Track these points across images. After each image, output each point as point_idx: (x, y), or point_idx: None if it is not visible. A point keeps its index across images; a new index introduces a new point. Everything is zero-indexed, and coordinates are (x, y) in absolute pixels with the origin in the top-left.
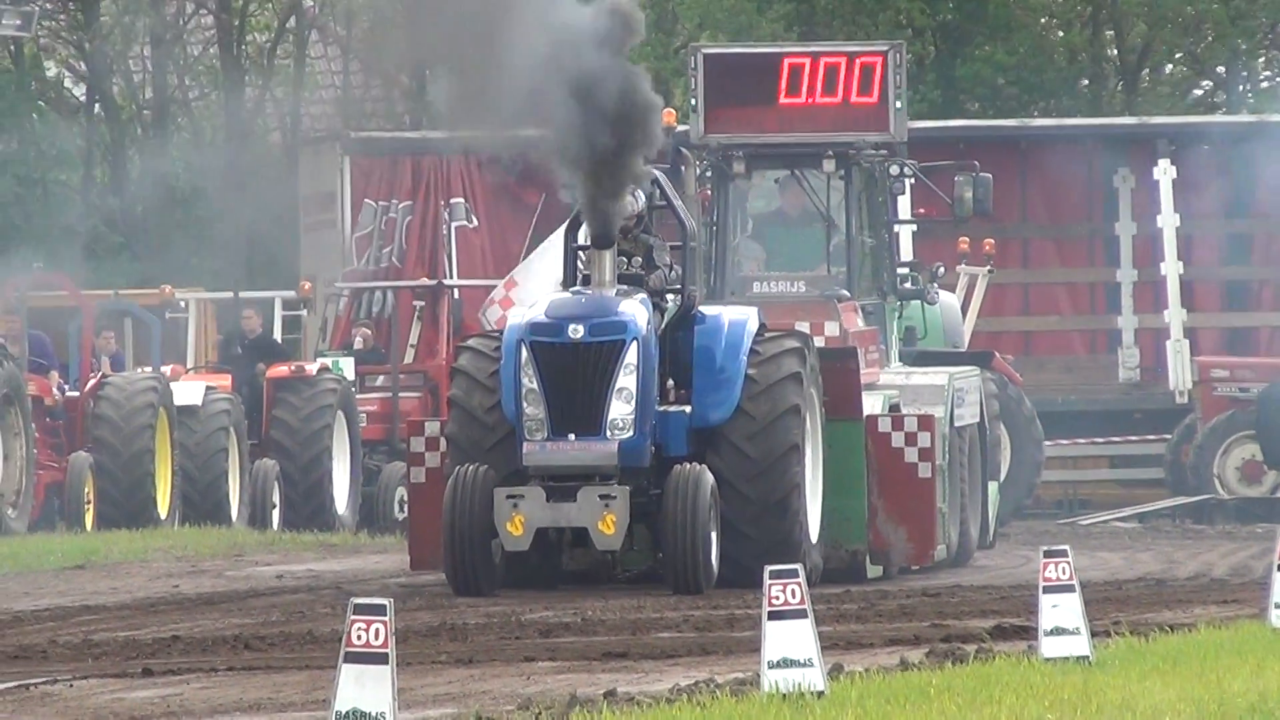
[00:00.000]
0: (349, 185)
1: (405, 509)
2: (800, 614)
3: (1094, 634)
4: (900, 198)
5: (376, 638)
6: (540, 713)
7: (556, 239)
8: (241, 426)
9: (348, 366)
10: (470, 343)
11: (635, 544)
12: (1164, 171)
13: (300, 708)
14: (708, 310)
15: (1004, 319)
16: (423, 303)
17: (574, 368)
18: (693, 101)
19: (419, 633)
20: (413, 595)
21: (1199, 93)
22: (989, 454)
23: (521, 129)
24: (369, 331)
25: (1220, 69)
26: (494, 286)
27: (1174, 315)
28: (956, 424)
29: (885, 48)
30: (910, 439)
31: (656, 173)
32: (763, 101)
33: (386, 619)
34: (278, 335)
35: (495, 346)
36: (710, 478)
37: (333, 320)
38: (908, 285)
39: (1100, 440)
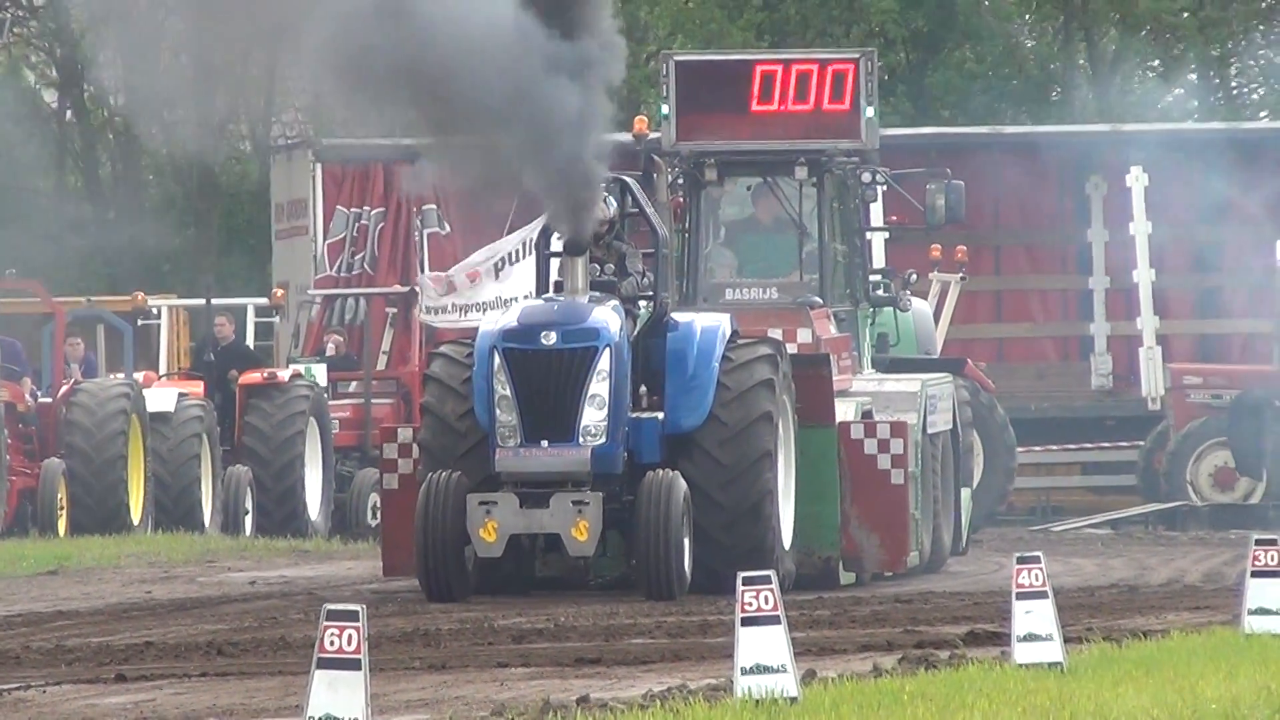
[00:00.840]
0: (321, 192)
1: (378, 515)
2: (773, 620)
3: (1067, 640)
4: (872, 205)
5: (349, 644)
6: (513, 719)
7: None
8: (214, 433)
9: (320, 373)
10: (443, 349)
11: (608, 550)
12: (1136, 179)
13: (273, 714)
14: (680, 317)
15: (976, 326)
16: (395, 309)
17: (547, 374)
18: (664, 109)
19: (392, 639)
20: (385, 601)
21: (1171, 100)
22: (961, 461)
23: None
24: (341, 338)
25: (1192, 76)
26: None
27: (1146, 322)
28: (929, 431)
29: (857, 55)
30: (883, 446)
31: (629, 180)
32: (735, 109)
33: (359, 625)
34: (250, 342)
35: (468, 353)
36: (683, 484)
37: (305, 327)
38: (880, 292)
39: (1073, 447)
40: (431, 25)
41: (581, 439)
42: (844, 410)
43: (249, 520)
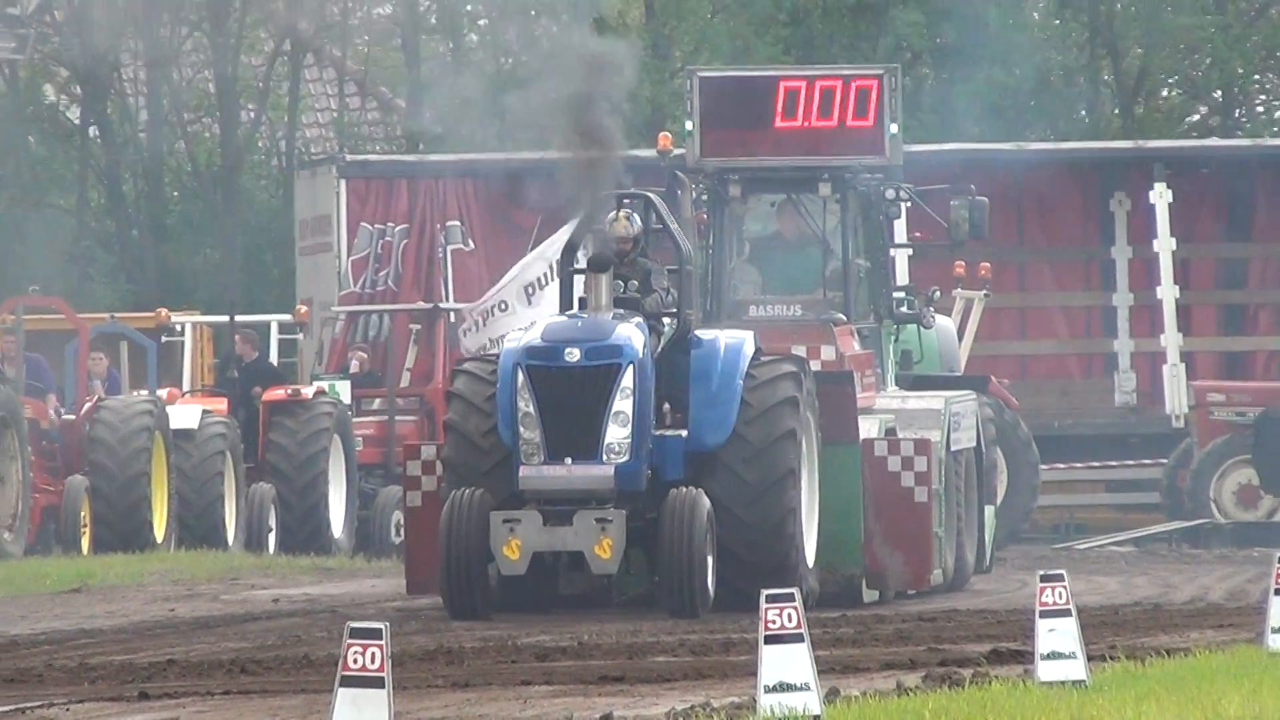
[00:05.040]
0: (345, 209)
1: (401, 533)
2: (797, 638)
3: (1090, 658)
4: (896, 221)
5: (372, 661)
6: None
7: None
8: (238, 450)
9: (344, 390)
10: (466, 366)
11: (631, 568)
12: (1160, 195)
13: None
14: (704, 334)
15: (1000, 343)
16: (419, 326)
17: (570, 391)
18: (689, 125)
19: (415, 657)
20: (409, 619)
21: (1196, 117)
22: (985, 478)
23: (526, 150)
24: (365, 355)
25: (1217, 93)
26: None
27: (1170, 339)
28: (953, 448)
29: (881, 71)
30: (907, 463)
31: (653, 196)
32: (759, 125)
33: (382, 643)
34: (274, 359)
35: (491, 370)
36: (706, 502)
37: (329, 344)
38: (904, 309)
39: (1096, 464)
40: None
41: (605, 456)
42: (867, 428)
43: (272, 538)
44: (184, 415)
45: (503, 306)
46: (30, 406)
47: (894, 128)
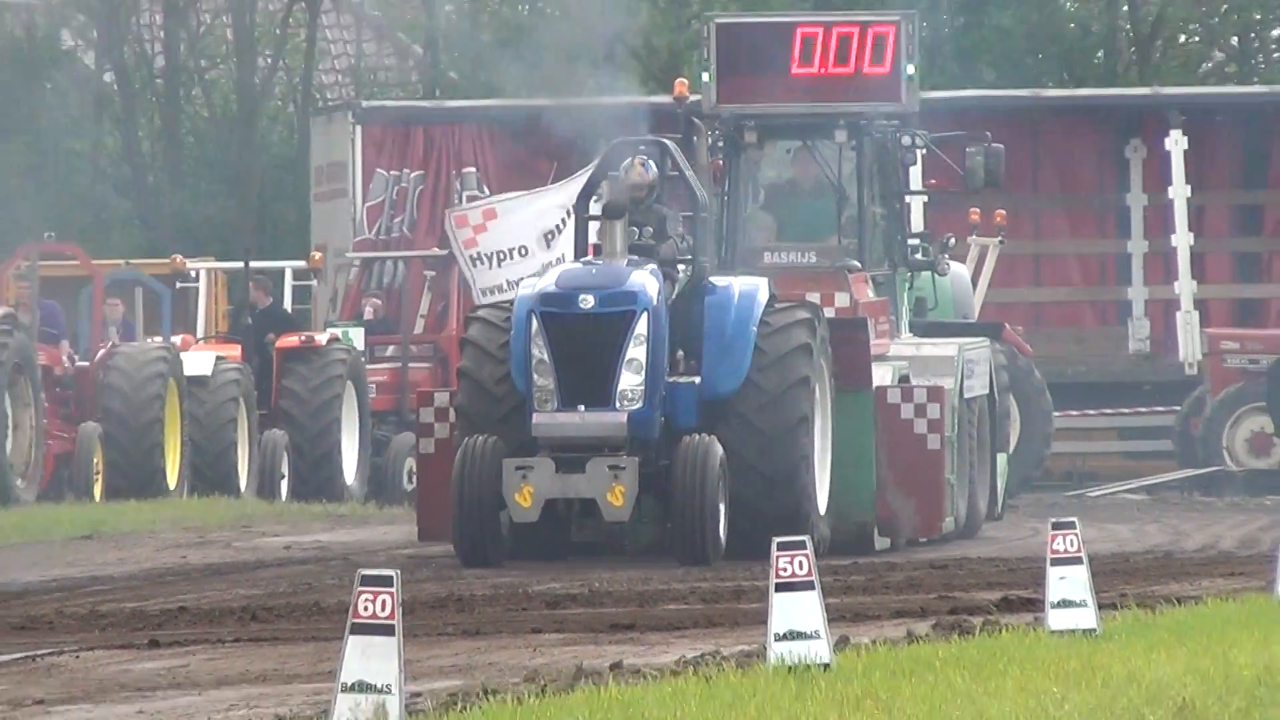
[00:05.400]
0: (360, 155)
1: (414, 480)
2: (808, 586)
3: (1101, 606)
4: (912, 168)
5: (383, 609)
6: (546, 684)
7: (546, 193)
8: (251, 397)
9: (358, 337)
10: (480, 313)
11: (644, 515)
12: (1176, 142)
13: (306, 679)
14: (718, 281)
15: (1014, 290)
16: (433, 273)
17: (584, 338)
18: (705, 72)
19: (426, 604)
20: (420, 566)
21: (1211, 64)
22: (998, 425)
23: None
24: (379, 302)
25: (1234, 40)
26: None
27: (1184, 287)
28: (966, 395)
29: (897, 17)
30: (919, 410)
31: (668, 143)
32: (775, 71)
33: (393, 590)
34: (288, 305)
35: (505, 317)
36: (719, 449)
37: (343, 290)
38: (918, 256)
39: (1109, 412)
40: None
41: (618, 403)
42: (881, 375)
43: (285, 485)
44: (198, 362)
45: (523, 251)
46: (44, 353)
47: (911, 72)
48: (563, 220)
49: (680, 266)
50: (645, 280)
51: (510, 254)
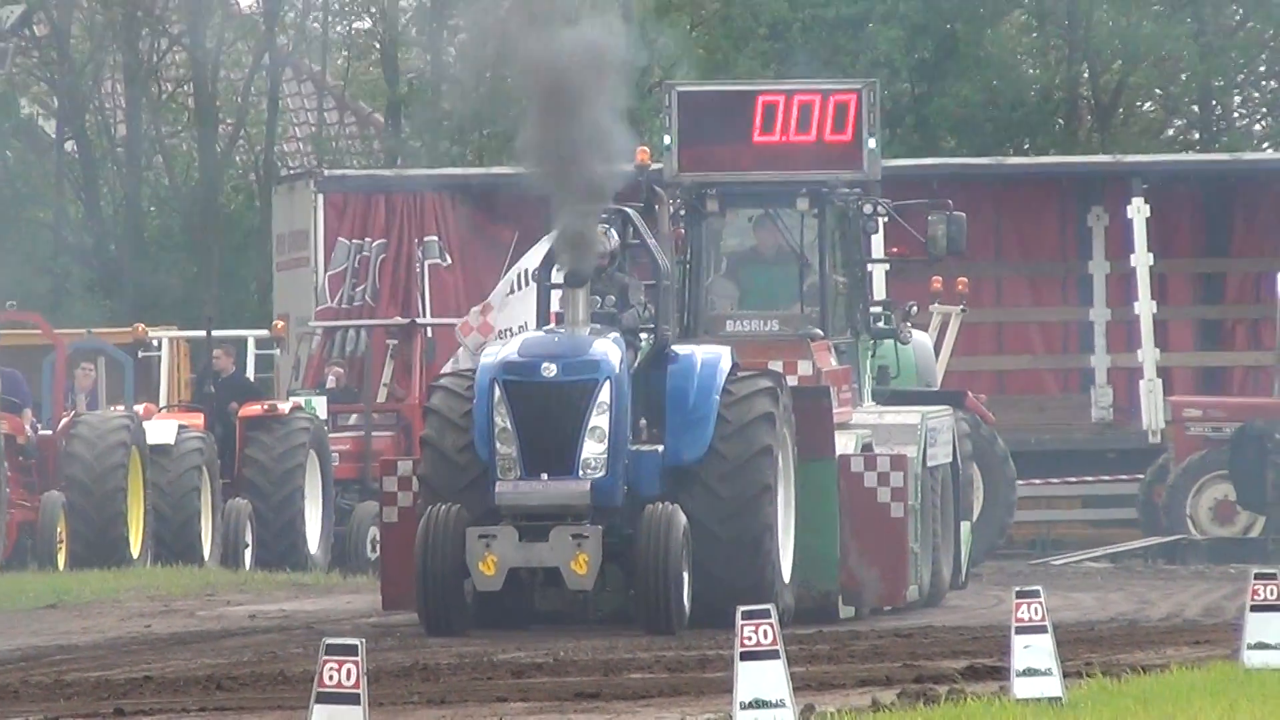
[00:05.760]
0: (322, 223)
1: (378, 549)
2: (772, 654)
3: (1066, 675)
4: (874, 236)
5: (348, 678)
6: None
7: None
8: (214, 465)
9: (320, 405)
10: (443, 382)
11: (608, 584)
12: (1138, 210)
13: None
14: (680, 349)
15: (977, 358)
16: (396, 341)
17: (547, 407)
18: (666, 139)
19: (391, 673)
20: (385, 635)
21: (1173, 131)
22: (961, 494)
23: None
24: (342, 370)
25: (1195, 107)
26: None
27: (1147, 355)
28: (929, 464)
29: (859, 85)
30: (883, 479)
31: (630, 211)
32: (737, 139)
33: (358, 659)
34: (251, 374)
35: (468, 385)
36: (682, 518)
37: (305, 359)
38: (881, 324)
39: (1073, 480)
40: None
41: (581, 472)
42: (844, 443)
43: (249, 553)
44: (160, 430)
45: (524, 327)
46: (6, 421)
47: (872, 143)
48: (515, 281)
49: (642, 335)
50: (608, 349)
51: (512, 331)
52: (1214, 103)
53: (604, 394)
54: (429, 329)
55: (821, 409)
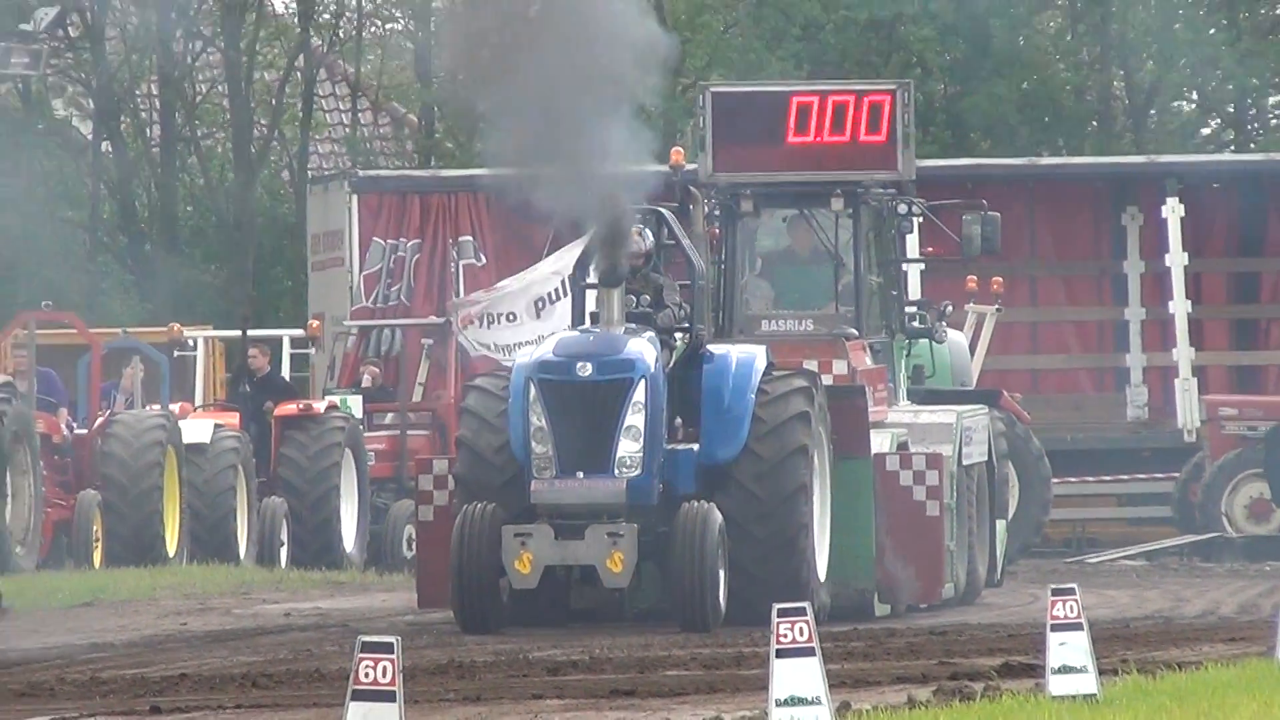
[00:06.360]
0: (357, 223)
1: (413, 547)
2: (808, 652)
3: (1101, 672)
4: (909, 236)
5: (384, 675)
6: None
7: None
8: (250, 464)
9: (356, 405)
10: (478, 382)
11: (643, 582)
12: (1172, 210)
13: None
14: (715, 349)
15: (1012, 357)
16: (431, 341)
17: (582, 406)
18: (701, 140)
19: (426, 670)
20: (420, 633)
21: (1208, 131)
22: (996, 492)
23: (538, 165)
24: (377, 370)
25: (1230, 107)
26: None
27: (1182, 354)
28: (964, 462)
29: (893, 86)
30: (918, 477)
31: (665, 211)
32: (771, 140)
33: (394, 656)
34: (286, 373)
35: (503, 385)
36: (718, 516)
37: (341, 358)
38: (916, 324)
39: (1108, 478)
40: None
41: (617, 470)
42: (879, 442)
43: (284, 552)
44: (196, 430)
45: (511, 317)
46: (43, 421)
47: (906, 142)
48: (556, 290)
49: (677, 335)
50: (643, 348)
51: (499, 319)
52: (1249, 103)
53: (639, 393)
54: (457, 311)
55: (857, 408)
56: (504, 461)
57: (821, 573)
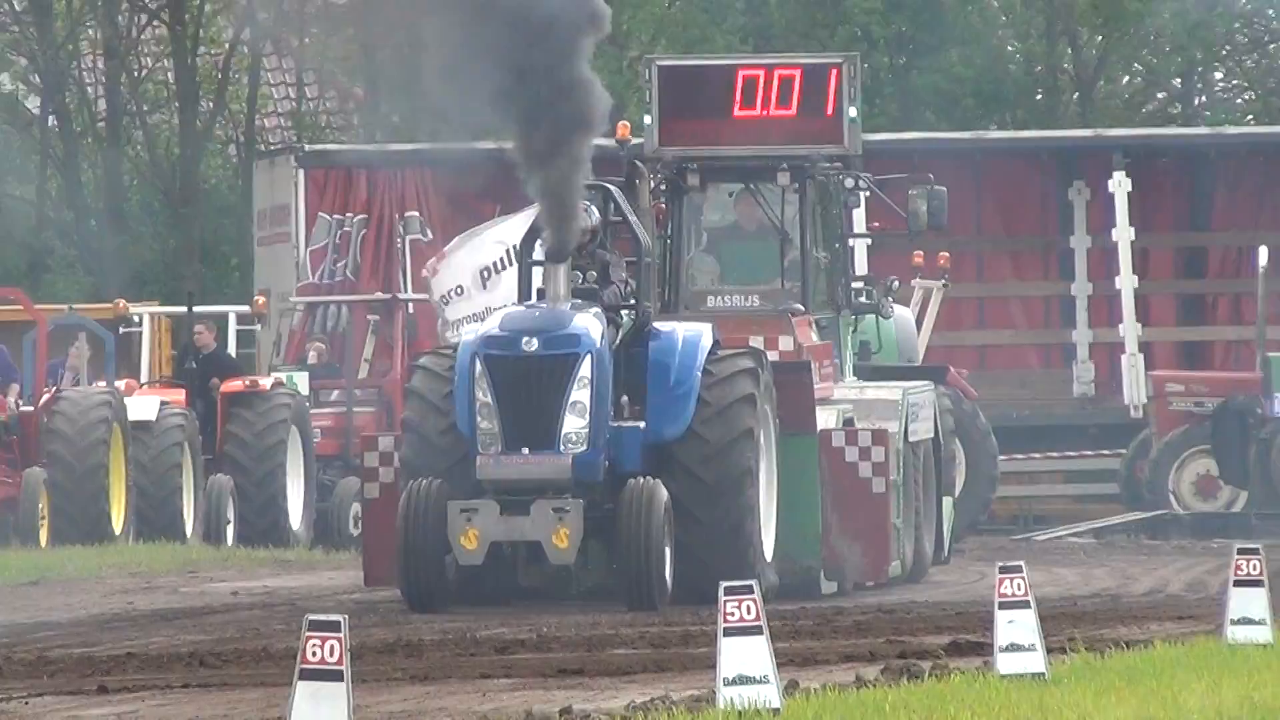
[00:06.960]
0: (303, 199)
1: (360, 525)
2: (756, 630)
3: (1049, 650)
4: (855, 211)
5: (331, 654)
6: None
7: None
8: (196, 441)
9: (302, 381)
10: (423, 362)
11: (590, 559)
12: (1119, 184)
13: None
14: (662, 326)
15: (959, 333)
16: (377, 317)
17: (527, 381)
18: (647, 115)
19: (374, 649)
20: (368, 611)
21: (1154, 105)
22: (944, 469)
23: (485, 138)
24: (323, 346)
25: (1176, 81)
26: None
27: (1129, 329)
28: (911, 439)
29: (839, 60)
30: (864, 454)
31: (611, 187)
32: (717, 114)
33: (341, 635)
34: (232, 350)
35: (448, 366)
36: (664, 492)
37: (287, 335)
38: (862, 299)
39: (1055, 455)
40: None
41: (563, 446)
42: (825, 418)
43: (230, 530)
44: (142, 406)
45: (459, 291)
46: None
47: (853, 116)
48: (501, 259)
49: (624, 311)
50: (589, 323)
51: (450, 295)
52: (1195, 77)
53: (585, 368)
54: (410, 304)
55: (803, 384)
56: (450, 444)
57: (768, 553)
